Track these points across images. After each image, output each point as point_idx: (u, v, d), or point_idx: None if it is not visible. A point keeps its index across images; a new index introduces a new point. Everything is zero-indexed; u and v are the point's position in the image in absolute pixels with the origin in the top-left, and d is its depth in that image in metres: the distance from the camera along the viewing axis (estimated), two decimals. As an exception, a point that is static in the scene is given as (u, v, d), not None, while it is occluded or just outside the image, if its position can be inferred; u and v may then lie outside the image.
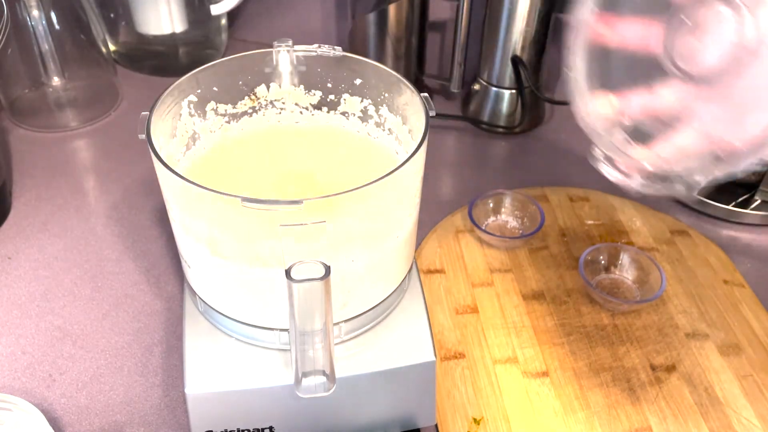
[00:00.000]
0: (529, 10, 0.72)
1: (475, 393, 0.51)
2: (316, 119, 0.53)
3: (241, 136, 0.52)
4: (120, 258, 0.62)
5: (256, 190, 0.46)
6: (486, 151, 0.78)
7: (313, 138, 0.52)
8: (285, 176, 0.48)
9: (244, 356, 0.44)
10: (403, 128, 0.49)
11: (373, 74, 0.49)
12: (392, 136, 0.50)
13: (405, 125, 0.48)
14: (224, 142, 0.51)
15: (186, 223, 0.42)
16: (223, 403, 0.43)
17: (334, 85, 0.51)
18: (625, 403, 0.51)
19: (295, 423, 0.45)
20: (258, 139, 0.52)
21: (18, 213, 0.67)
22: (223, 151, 0.50)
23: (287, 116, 0.53)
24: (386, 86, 0.49)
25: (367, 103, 0.51)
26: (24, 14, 0.71)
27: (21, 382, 0.52)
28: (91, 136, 0.78)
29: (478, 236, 0.64)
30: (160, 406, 0.50)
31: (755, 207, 0.68)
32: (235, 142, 0.51)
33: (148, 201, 0.69)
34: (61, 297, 0.59)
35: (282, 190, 0.47)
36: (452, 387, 0.51)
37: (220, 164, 0.49)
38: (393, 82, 0.48)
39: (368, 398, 0.45)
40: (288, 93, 0.52)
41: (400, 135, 0.49)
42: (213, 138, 0.50)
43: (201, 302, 0.45)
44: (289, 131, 0.53)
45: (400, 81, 0.47)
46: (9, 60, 0.74)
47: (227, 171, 0.49)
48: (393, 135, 0.50)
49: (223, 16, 0.89)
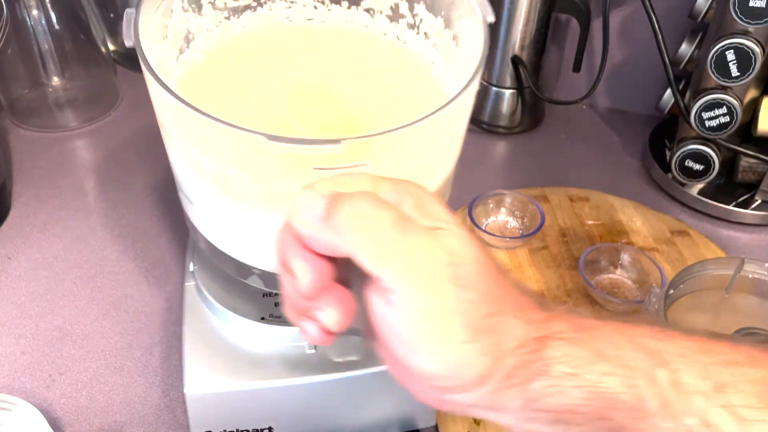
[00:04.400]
0: (529, 10, 0.72)
1: (475, 393, 0.51)
2: (333, 16, 0.44)
3: (242, 35, 0.44)
4: (120, 258, 0.62)
5: (262, 108, 0.40)
6: (486, 151, 0.78)
7: (329, 40, 0.44)
8: (297, 90, 0.41)
9: (244, 357, 0.43)
10: (444, 33, 0.41)
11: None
12: (429, 42, 0.42)
13: (448, 30, 0.40)
14: (223, 43, 0.43)
15: (187, 155, 0.36)
16: (222, 404, 0.43)
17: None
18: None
19: (295, 423, 0.45)
20: (262, 39, 0.44)
21: (18, 213, 0.67)
22: (221, 55, 0.43)
23: (298, 11, 0.44)
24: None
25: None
26: (24, 14, 0.71)
27: (21, 383, 0.52)
28: (91, 136, 0.78)
29: (478, 236, 0.64)
30: (159, 406, 0.50)
31: (755, 207, 0.68)
32: (236, 43, 0.44)
33: (148, 201, 0.69)
34: (60, 297, 0.58)
35: (296, 110, 0.40)
36: (452, 387, 0.51)
37: (219, 72, 0.42)
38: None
39: (368, 398, 0.45)
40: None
41: (440, 42, 0.41)
42: (210, 38, 0.43)
43: (205, 241, 0.39)
44: (299, 30, 0.45)
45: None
46: (9, 60, 0.74)
47: (227, 81, 0.42)
48: (430, 41, 0.42)
49: (223, 16, 0.89)
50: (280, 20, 0.45)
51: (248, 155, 0.33)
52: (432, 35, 0.42)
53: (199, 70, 0.42)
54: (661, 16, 0.66)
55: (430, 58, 0.42)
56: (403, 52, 0.43)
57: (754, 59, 0.60)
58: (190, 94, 0.33)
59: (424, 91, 0.42)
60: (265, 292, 0.46)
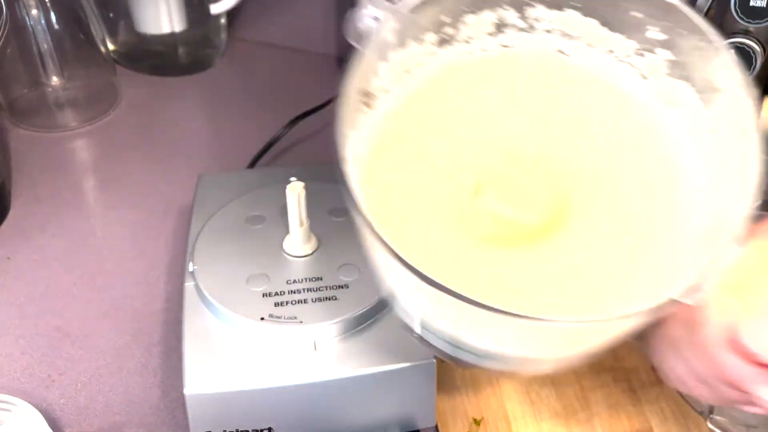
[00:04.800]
0: (529, 10, 0.72)
1: (475, 393, 0.51)
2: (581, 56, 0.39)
3: (466, 62, 0.40)
4: (120, 258, 0.62)
5: (452, 170, 0.37)
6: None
7: (537, 80, 0.40)
8: (492, 144, 0.38)
9: (244, 357, 0.43)
10: (696, 107, 0.35)
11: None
12: (677, 110, 0.37)
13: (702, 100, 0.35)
14: (442, 73, 0.40)
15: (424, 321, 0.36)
16: (222, 404, 0.43)
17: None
18: (626, 403, 0.50)
19: (295, 423, 0.45)
20: (489, 72, 0.40)
21: (17, 213, 0.67)
22: (439, 86, 0.40)
23: (544, 40, 0.39)
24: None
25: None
26: (23, 14, 0.71)
27: (20, 383, 0.52)
28: (91, 136, 0.78)
29: (478, 236, 0.64)
30: (159, 406, 0.50)
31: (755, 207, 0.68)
32: (457, 71, 0.40)
33: (147, 201, 0.69)
34: (60, 297, 0.58)
35: (492, 175, 0.37)
36: (452, 387, 0.51)
37: (434, 106, 0.39)
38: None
39: (368, 399, 0.45)
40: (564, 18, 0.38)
41: (691, 115, 0.36)
42: (426, 70, 0.40)
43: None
44: (505, 68, 0.40)
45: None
46: (8, 60, 0.74)
47: (441, 121, 0.39)
48: (678, 110, 0.36)
49: (222, 16, 0.89)
50: (491, 56, 0.40)
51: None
52: (681, 103, 0.36)
53: (411, 100, 0.39)
54: (661, 15, 0.66)
55: (667, 120, 0.37)
56: (631, 107, 0.38)
57: (754, 59, 0.60)
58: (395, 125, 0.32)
59: (654, 164, 0.37)
60: (265, 292, 0.46)
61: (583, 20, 0.38)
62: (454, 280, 0.30)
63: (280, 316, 0.44)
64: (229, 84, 0.88)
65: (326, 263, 0.48)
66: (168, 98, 0.85)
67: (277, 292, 0.46)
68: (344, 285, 0.46)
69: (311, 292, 0.46)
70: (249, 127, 0.80)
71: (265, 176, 0.57)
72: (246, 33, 0.96)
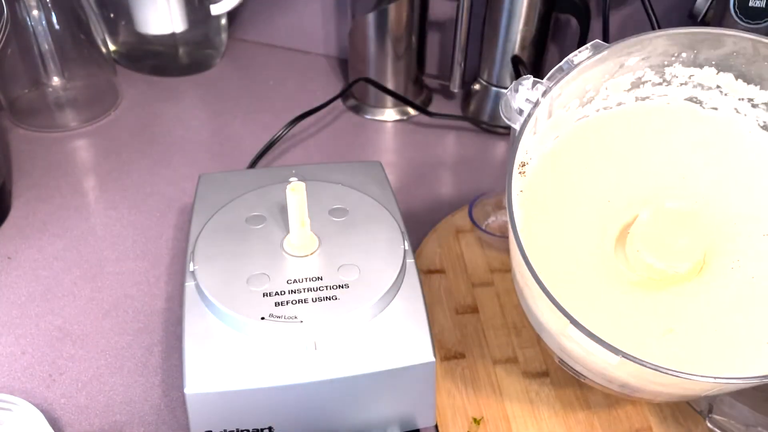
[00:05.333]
0: (529, 10, 0.72)
1: (475, 393, 0.51)
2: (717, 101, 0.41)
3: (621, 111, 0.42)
4: (120, 258, 0.62)
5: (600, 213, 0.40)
6: (486, 151, 0.78)
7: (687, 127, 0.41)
8: (639, 190, 0.40)
9: (244, 357, 0.44)
10: None
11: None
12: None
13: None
14: (579, 130, 0.42)
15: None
16: (222, 403, 0.43)
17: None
18: (625, 402, 0.50)
19: (295, 423, 0.45)
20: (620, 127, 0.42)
21: (18, 213, 0.67)
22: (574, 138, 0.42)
23: (679, 91, 0.42)
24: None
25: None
26: (24, 14, 0.71)
27: (21, 383, 0.52)
28: (91, 136, 0.78)
29: (478, 236, 0.64)
30: (159, 406, 0.50)
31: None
32: (593, 126, 0.43)
33: (147, 200, 0.69)
34: (61, 297, 0.59)
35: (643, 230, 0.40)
36: (452, 387, 0.51)
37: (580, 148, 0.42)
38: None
39: (368, 398, 0.45)
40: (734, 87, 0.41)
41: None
42: (565, 130, 0.42)
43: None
44: (657, 114, 0.42)
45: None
46: (9, 60, 0.74)
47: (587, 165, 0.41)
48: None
49: (222, 16, 0.89)
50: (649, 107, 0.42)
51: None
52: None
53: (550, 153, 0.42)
54: (660, 16, 0.66)
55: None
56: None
57: (754, 59, 0.60)
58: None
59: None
60: (265, 292, 0.46)
61: (718, 75, 0.41)
62: (609, 326, 0.34)
63: (280, 315, 0.44)
64: (229, 84, 0.88)
65: (326, 263, 0.48)
66: (168, 98, 0.85)
67: (277, 291, 0.46)
68: (344, 285, 0.46)
69: (311, 292, 0.46)
70: (249, 127, 0.80)
71: (265, 176, 0.57)
72: (246, 33, 0.97)
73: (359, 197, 0.53)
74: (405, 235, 0.50)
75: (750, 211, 0.40)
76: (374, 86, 0.80)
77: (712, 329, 0.39)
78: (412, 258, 0.49)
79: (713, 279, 0.41)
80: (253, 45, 0.97)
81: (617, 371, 0.35)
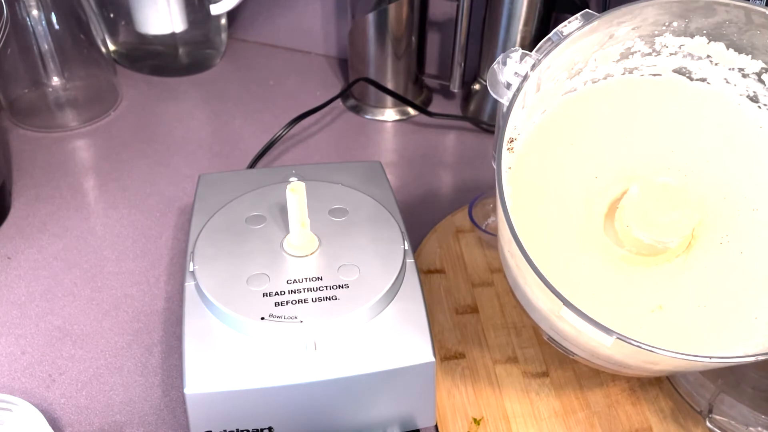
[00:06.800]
0: (529, 10, 0.72)
1: (475, 393, 0.51)
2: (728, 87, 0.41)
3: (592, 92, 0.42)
4: (120, 258, 0.62)
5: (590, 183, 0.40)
6: (486, 151, 0.78)
7: (683, 102, 0.41)
8: (630, 160, 0.40)
9: (244, 357, 0.44)
10: None
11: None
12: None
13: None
14: (566, 103, 0.42)
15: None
16: (222, 404, 0.43)
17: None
18: (625, 403, 0.50)
19: (295, 423, 0.45)
20: (607, 100, 0.42)
21: (18, 213, 0.67)
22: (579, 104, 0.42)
23: (668, 61, 0.41)
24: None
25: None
26: (24, 14, 0.71)
27: (20, 383, 0.52)
28: (91, 136, 0.78)
29: (478, 236, 0.64)
30: (159, 406, 0.50)
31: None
32: (580, 100, 0.42)
33: (147, 200, 0.69)
34: (60, 297, 0.59)
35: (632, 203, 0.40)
36: (452, 387, 0.51)
37: (552, 134, 0.41)
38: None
39: (368, 398, 0.45)
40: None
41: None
42: (552, 102, 0.42)
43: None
44: (649, 90, 0.42)
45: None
46: (9, 60, 0.74)
47: (559, 144, 0.41)
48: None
49: (222, 16, 0.89)
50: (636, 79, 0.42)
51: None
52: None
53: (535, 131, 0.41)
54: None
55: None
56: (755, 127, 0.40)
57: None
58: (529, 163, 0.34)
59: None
60: (265, 292, 0.46)
61: (709, 44, 0.41)
62: (599, 304, 0.34)
63: (280, 315, 0.44)
64: (229, 84, 0.88)
65: (326, 263, 0.48)
66: (168, 98, 0.85)
67: (277, 291, 0.46)
68: (344, 285, 0.46)
69: (311, 292, 0.46)
70: (249, 127, 0.80)
71: (265, 176, 0.57)
72: (246, 33, 0.97)
73: (359, 197, 0.53)
74: (405, 235, 0.50)
75: (740, 186, 0.40)
76: (374, 86, 0.80)
77: (701, 305, 0.39)
78: (412, 258, 0.49)
79: (702, 254, 0.41)
80: (253, 45, 0.97)
81: (609, 350, 0.35)
